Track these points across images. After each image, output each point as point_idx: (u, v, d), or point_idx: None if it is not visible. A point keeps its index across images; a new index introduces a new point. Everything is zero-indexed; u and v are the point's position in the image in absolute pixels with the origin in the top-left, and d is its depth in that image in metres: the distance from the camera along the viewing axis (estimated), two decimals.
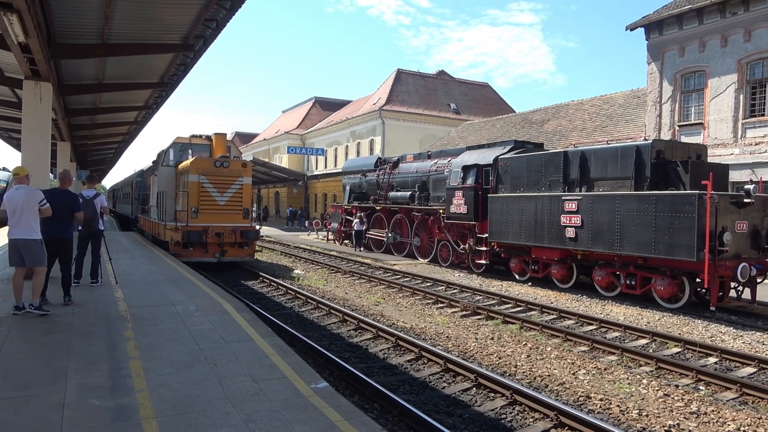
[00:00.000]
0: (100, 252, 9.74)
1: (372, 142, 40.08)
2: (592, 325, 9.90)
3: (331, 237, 27.26)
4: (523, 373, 7.07)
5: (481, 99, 45.31)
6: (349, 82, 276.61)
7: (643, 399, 6.18)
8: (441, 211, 17.46)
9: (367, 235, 22.38)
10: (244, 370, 5.15)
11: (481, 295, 12.71)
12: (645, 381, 6.78)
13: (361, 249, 22.27)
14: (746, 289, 11.34)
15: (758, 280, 11.29)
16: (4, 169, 24.75)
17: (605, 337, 9.05)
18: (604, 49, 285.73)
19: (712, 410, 5.88)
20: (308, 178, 44.10)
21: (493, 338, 8.79)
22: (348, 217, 24.25)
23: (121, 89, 15.30)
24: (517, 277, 14.90)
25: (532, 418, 5.57)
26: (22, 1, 6.99)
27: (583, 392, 6.33)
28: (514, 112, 37.35)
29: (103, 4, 9.13)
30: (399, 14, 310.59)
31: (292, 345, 7.02)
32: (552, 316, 10.62)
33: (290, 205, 46.97)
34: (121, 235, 23.02)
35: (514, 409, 5.78)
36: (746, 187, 10.91)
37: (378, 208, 21.68)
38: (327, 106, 54.84)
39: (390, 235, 20.76)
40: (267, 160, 46.19)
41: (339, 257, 20.47)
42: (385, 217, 21.31)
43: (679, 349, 8.35)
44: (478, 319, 10.29)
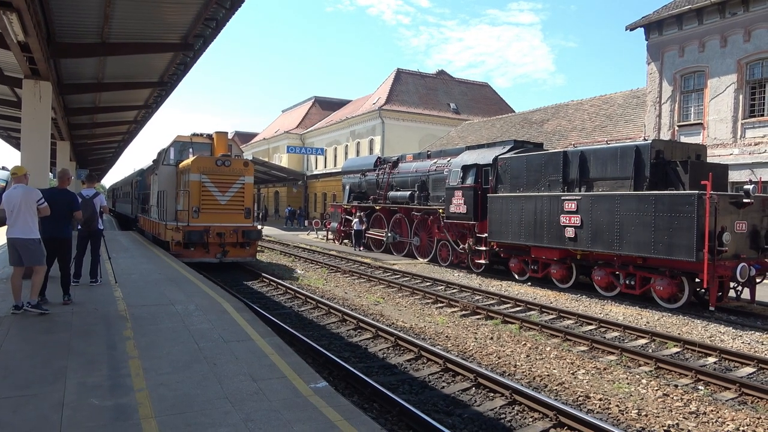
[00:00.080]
0: (100, 251, 9.75)
1: (371, 142, 40.08)
2: (592, 324, 9.91)
3: (330, 237, 27.27)
4: (523, 372, 7.07)
5: (481, 99, 45.32)
6: (349, 81, 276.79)
7: (643, 399, 6.19)
8: (440, 211, 17.47)
9: (366, 235, 22.38)
10: (244, 370, 5.15)
11: (480, 295, 12.71)
12: (644, 381, 6.79)
13: (361, 248, 22.28)
14: (745, 289, 11.36)
15: (757, 280, 11.31)
16: (3, 168, 24.75)
17: (604, 337, 9.06)
18: (604, 49, 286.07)
19: (712, 410, 5.88)
20: (308, 178, 44.14)
21: (492, 338, 8.80)
22: (347, 217, 24.25)
23: (121, 88, 15.29)
24: (517, 276, 14.91)
25: (532, 417, 5.57)
26: (22, 0, 6.98)
27: (582, 392, 6.33)
28: (514, 112, 37.35)
29: (102, 4, 9.13)
30: (399, 14, 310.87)
31: (292, 344, 7.03)
32: (551, 316, 10.62)
33: (289, 205, 46.97)
34: (121, 235, 23.02)
35: (514, 408, 5.78)
36: (745, 187, 10.91)
37: (377, 207, 21.69)
38: (327, 106, 54.87)
39: (389, 234, 20.76)
40: (266, 160, 46.15)
41: (338, 257, 20.48)
42: (385, 217, 21.32)
43: (679, 349, 8.36)
44: (478, 319, 10.30)
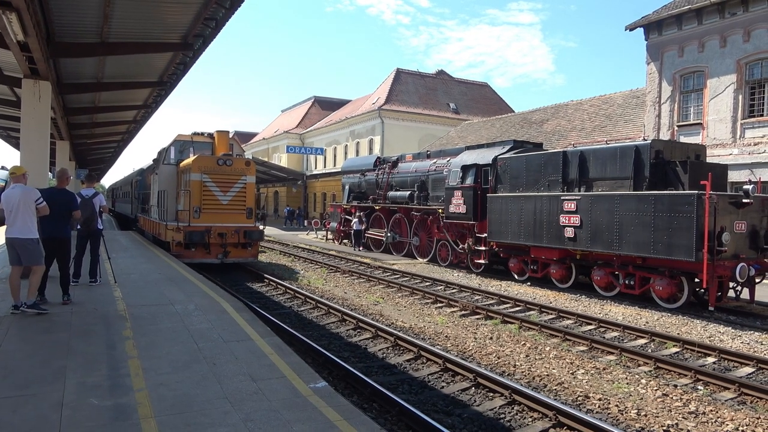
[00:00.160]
0: (99, 251, 9.75)
1: (371, 142, 40.09)
2: (591, 324, 9.91)
3: (330, 236, 27.27)
4: (522, 372, 7.07)
5: (481, 99, 45.32)
6: (349, 81, 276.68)
7: (642, 399, 6.19)
8: (440, 211, 17.47)
9: (366, 235, 22.38)
10: (243, 370, 5.15)
11: (480, 295, 12.71)
12: (644, 381, 6.79)
13: (360, 248, 22.27)
14: (745, 289, 11.37)
15: (757, 280, 11.32)
16: (3, 168, 24.77)
17: (604, 337, 9.06)
18: (604, 49, 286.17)
19: (711, 410, 5.88)
20: (307, 178, 44.12)
21: (491, 338, 8.80)
22: (347, 217, 24.25)
23: (121, 88, 15.29)
24: (516, 276, 14.91)
25: (531, 417, 5.58)
26: (21, 0, 6.98)
27: (581, 392, 6.33)
28: (514, 111, 37.35)
29: (102, 3, 9.13)
30: (398, 14, 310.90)
31: (291, 344, 7.03)
32: (551, 316, 10.62)
33: (288, 205, 46.96)
34: (120, 235, 23.01)
35: (513, 408, 5.78)
36: (745, 187, 10.92)
37: (377, 207, 21.68)
38: (326, 106, 54.87)
39: (389, 234, 20.76)
40: (266, 160, 46.10)
41: (338, 257, 20.47)
42: (384, 217, 21.32)
43: (678, 349, 8.36)
44: (477, 319, 10.30)
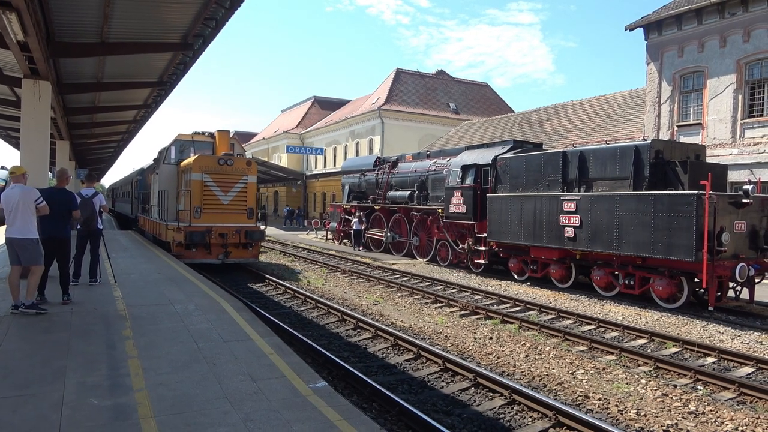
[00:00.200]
0: (99, 251, 9.75)
1: (371, 142, 40.10)
2: (591, 324, 9.91)
3: (330, 236, 27.27)
4: (522, 372, 7.07)
5: (481, 99, 45.33)
6: (349, 81, 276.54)
7: (642, 399, 6.19)
8: (440, 211, 17.47)
9: (366, 235, 22.38)
10: (243, 370, 5.15)
11: (479, 295, 12.72)
12: (643, 381, 6.79)
13: (360, 248, 22.28)
14: (744, 289, 11.38)
15: (756, 280, 11.33)
16: (3, 168, 24.78)
17: (604, 337, 9.06)
18: (604, 49, 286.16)
19: (710, 410, 5.89)
20: (307, 178, 44.13)
21: (491, 338, 8.80)
22: (347, 217, 24.26)
23: (120, 88, 15.29)
24: (516, 276, 14.91)
25: (531, 417, 5.58)
26: (21, 0, 6.98)
27: (581, 392, 6.34)
28: (513, 111, 37.36)
29: (102, 3, 9.13)
30: (398, 14, 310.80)
31: (291, 344, 7.03)
32: (551, 316, 10.63)
33: (287, 205, 46.96)
34: (120, 235, 23.01)
35: (513, 408, 5.79)
36: (745, 187, 10.92)
37: (377, 207, 21.69)
38: (326, 106, 54.87)
39: (389, 234, 20.77)
40: (266, 160, 46.10)
41: (338, 257, 20.47)
42: (384, 217, 21.32)
43: (678, 349, 8.37)
44: (477, 319, 10.30)
